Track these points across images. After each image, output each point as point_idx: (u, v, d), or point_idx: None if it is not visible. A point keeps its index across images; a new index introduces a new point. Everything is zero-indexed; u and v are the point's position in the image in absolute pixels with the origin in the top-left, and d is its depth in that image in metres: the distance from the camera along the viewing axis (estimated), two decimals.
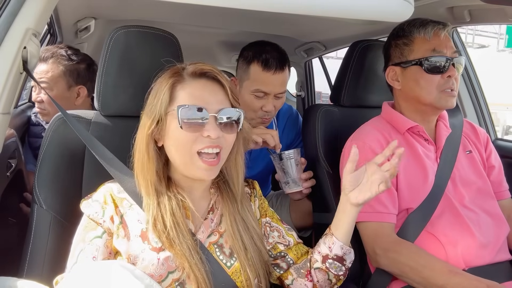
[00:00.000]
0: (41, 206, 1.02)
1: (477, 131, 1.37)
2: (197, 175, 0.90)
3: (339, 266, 0.98)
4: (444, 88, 1.18)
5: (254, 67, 1.45)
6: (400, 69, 1.25)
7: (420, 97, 1.21)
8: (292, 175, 1.27)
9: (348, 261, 0.99)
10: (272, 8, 0.79)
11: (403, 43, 1.24)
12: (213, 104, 0.89)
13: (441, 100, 1.19)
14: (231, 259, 0.93)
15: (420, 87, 1.20)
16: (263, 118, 1.49)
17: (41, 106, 1.60)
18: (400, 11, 0.89)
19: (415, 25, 1.22)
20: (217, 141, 0.88)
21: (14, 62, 0.83)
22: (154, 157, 0.90)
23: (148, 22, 1.37)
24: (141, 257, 0.85)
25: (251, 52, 1.47)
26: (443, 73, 1.17)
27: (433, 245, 1.13)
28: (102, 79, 1.09)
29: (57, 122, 1.08)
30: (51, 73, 1.55)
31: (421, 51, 1.19)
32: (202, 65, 0.92)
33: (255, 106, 1.47)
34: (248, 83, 1.47)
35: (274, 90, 1.45)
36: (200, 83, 0.91)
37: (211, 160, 0.88)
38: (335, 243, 0.97)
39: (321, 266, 0.98)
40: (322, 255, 0.99)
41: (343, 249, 0.97)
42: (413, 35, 1.21)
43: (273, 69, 1.42)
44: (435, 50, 1.17)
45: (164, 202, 0.89)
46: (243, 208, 0.98)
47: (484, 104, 1.82)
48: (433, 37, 1.19)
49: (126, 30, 1.10)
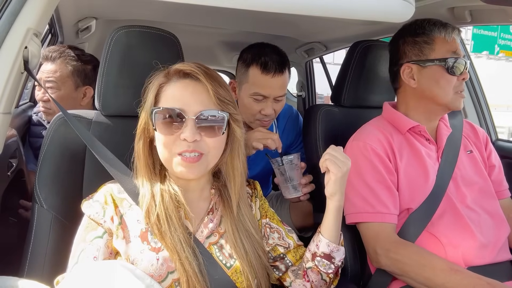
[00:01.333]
0: (41, 205, 1.02)
1: (477, 131, 1.38)
2: (178, 172, 0.89)
3: (328, 264, 0.98)
4: (458, 89, 1.21)
5: (253, 70, 1.43)
6: (418, 67, 1.23)
7: (437, 96, 1.21)
8: (291, 180, 1.27)
9: (337, 259, 0.99)
10: (273, 8, 0.79)
11: (423, 41, 1.23)
12: (193, 106, 0.87)
13: (456, 102, 1.21)
14: (231, 259, 0.93)
15: (439, 86, 1.20)
16: (262, 121, 1.48)
17: (47, 105, 1.59)
18: (401, 11, 0.89)
19: (435, 24, 1.22)
20: (196, 146, 0.86)
21: (15, 62, 0.83)
22: (143, 153, 0.92)
23: (149, 22, 1.37)
24: (140, 258, 0.85)
25: (250, 54, 1.46)
26: (459, 75, 1.19)
27: (434, 245, 1.13)
28: (103, 79, 1.09)
29: (58, 122, 1.08)
30: (59, 72, 1.56)
31: (442, 52, 1.20)
32: (184, 65, 0.90)
33: (254, 109, 1.45)
34: (247, 86, 1.45)
35: (273, 93, 1.43)
36: (183, 83, 0.89)
37: (191, 157, 0.87)
38: (321, 240, 0.98)
39: (311, 265, 0.99)
40: (311, 253, 0.99)
41: (330, 246, 0.97)
42: (434, 34, 1.21)
43: (272, 72, 1.40)
44: (455, 53, 1.19)
45: (157, 195, 0.89)
46: (241, 214, 0.97)
47: (485, 105, 1.82)
48: (453, 39, 1.20)
49: (127, 30, 1.10)
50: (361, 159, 1.20)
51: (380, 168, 1.18)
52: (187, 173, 0.88)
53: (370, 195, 1.17)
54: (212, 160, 0.92)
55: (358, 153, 1.22)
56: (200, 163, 0.88)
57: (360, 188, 1.18)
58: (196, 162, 0.87)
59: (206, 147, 0.88)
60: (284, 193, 1.31)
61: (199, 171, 0.90)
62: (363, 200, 1.17)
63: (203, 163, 0.89)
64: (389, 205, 1.16)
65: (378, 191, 1.16)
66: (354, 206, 1.19)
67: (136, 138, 0.93)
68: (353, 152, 1.23)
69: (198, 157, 0.87)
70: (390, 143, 1.23)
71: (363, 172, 1.19)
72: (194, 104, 0.87)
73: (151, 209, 0.88)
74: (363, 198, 1.18)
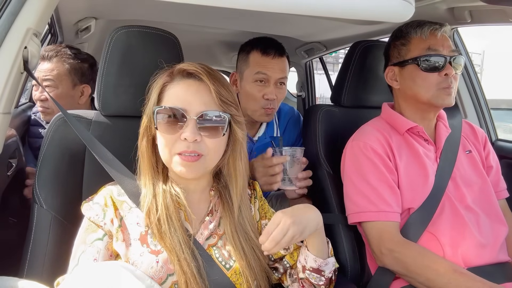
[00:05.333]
0: (41, 206, 1.02)
1: (476, 131, 1.38)
2: (178, 172, 0.89)
3: (318, 277, 0.97)
4: (442, 86, 1.19)
5: (254, 54, 1.49)
6: (398, 69, 1.27)
7: (418, 94, 1.21)
8: (289, 172, 1.26)
9: (327, 271, 0.97)
10: (272, 8, 0.79)
11: (401, 43, 1.26)
12: (195, 106, 0.87)
13: (439, 98, 1.19)
14: (230, 261, 0.92)
15: (417, 85, 1.21)
16: (266, 108, 1.49)
17: (45, 104, 1.59)
18: (400, 11, 0.89)
19: (412, 25, 1.23)
20: (195, 146, 0.86)
21: (14, 62, 0.83)
22: (147, 152, 0.93)
23: (148, 22, 1.37)
24: (140, 260, 0.84)
25: (250, 44, 1.53)
26: (440, 71, 1.18)
27: (432, 245, 1.13)
28: (102, 79, 1.09)
29: (58, 122, 1.08)
30: (56, 71, 1.55)
31: (418, 50, 1.20)
32: (188, 65, 0.90)
33: (257, 95, 1.48)
34: (248, 71, 1.50)
35: (274, 75, 1.47)
36: (186, 83, 0.89)
37: (190, 156, 0.86)
38: (308, 256, 0.96)
39: (303, 276, 0.98)
40: (302, 265, 0.99)
41: (317, 261, 0.95)
42: (410, 35, 1.23)
43: (272, 54, 1.47)
44: (430, 49, 1.19)
45: (159, 195, 0.89)
46: (242, 216, 0.97)
47: (485, 104, 1.81)
48: (430, 37, 1.20)
49: (127, 30, 1.10)
50: (362, 158, 1.20)
51: (381, 167, 1.18)
52: (186, 172, 0.88)
53: (373, 194, 1.16)
54: (211, 163, 0.92)
55: (359, 152, 1.22)
56: (199, 163, 0.88)
57: (362, 187, 1.18)
58: (195, 162, 0.87)
59: (205, 148, 0.88)
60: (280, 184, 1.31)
61: (198, 171, 0.90)
62: (365, 199, 1.17)
63: (202, 163, 0.89)
64: (392, 203, 1.16)
65: (380, 190, 1.16)
66: (356, 206, 1.19)
67: (139, 136, 0.94)
68: (353, 152, 1.23)
69: (197, 157, 0.87)
70: (389, 143, 1.23)
71: (365, 171, 1.19)
72: (196, 104, 0.87)
73: (152, 208, 0.88)
74: (365, 197, 1.17)
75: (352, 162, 1.24)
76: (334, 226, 1.31)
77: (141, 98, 0.96)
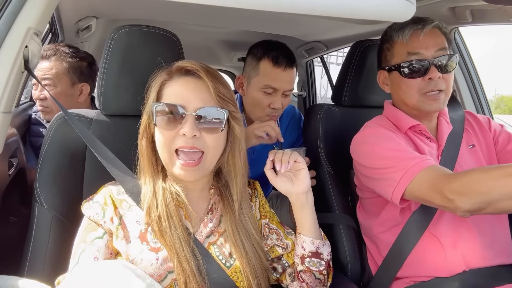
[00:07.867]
0: (42, 205, 1.02)
1: (478, 118, 1.34)
2: (176, 174, 0.89)
3: (318, 261, 0.99)
4: (425, 91, 1.14)
5: (265, 63, 1.47)
6: (387, 74, 1.25)
7: (405, 100, 1.20)
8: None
9: (325, 253, 1.00)
10: (273, 7, 0.79)
11: (386, 47, 1.24)
12: (194, 102, 0.87)
13: (424, 104, 1.16)
14: (231, 259, 0.93)
15: (402, 91, 1.19)
16: (270, 115, 1.50)
17: (44, 103, 1.60)
18: (402, 11, 0.88)
19: (394, 28, 1.20)
20: (194, 142, 0.86)
21: (15, 61, 0.83)
22: (147, 150, 0.93)
23: (149, 21, 1.37)
24: (139, 258, 0.85)
25: (261, 49, 1.50)
26: (423, 76, 1.14)
27: (433, 246, 1.12)
28: (103, 78, 1.09)
29: (59, 121, 1.08)
30: (55, 70, 1.56)
31: (400, 55, 1.18)
32: (186, 62, 0.91)
33: (263, 103, 1.48)
34: (257, 79, 1.48)
35: (283, 87, 1.47)
36: (184, 80, 0.90)
37: (189, 161, 0.87)
38: (305, 240, 0.99)
39: (302, 268, 1.00)
40: (299, 256, 1.00)
41: (315, 243, 0.98)
42: (394, 39, 1.20)
43: (283, 65, 1.45)
44: (410, 53, 1.15)
45: (159, 193, 0.90)
46: (243, 214, 0.97)
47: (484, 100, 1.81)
48: (410, 39, 1.16)
49: (128, 29, 1.10)
50: (377, 134, 1.17)
51: (397, 139, 1.15)
52: (185, 176, 0.89)
53: (405, 155, 1.09)
54: (212, 160, 0.92)
55: (372, 133, 1.19)
56: (200, 167, 0.89)
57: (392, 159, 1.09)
58: (196, 166, 0.88)
59: (205, 144, 0.88)
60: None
61: (198, 175, 0.90)
62: (400, 163, 1.07)
63: (202, 165, 0.89)
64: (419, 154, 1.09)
65: (405, 149, 1.11)
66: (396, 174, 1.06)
67: (139, 135, 0.94)
68: (364, 136, 1.20)
69: (197, 161, 0.88)
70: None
71: (388, 144, 1.12)
72: (195, 100, 0.88)
73: (152, 206, 0.88)
74: (399, 162, 1.07)
75: (369, 144, 1.17)
76: (334, 226, 1.31)
77: (140, 97, 0.96)
